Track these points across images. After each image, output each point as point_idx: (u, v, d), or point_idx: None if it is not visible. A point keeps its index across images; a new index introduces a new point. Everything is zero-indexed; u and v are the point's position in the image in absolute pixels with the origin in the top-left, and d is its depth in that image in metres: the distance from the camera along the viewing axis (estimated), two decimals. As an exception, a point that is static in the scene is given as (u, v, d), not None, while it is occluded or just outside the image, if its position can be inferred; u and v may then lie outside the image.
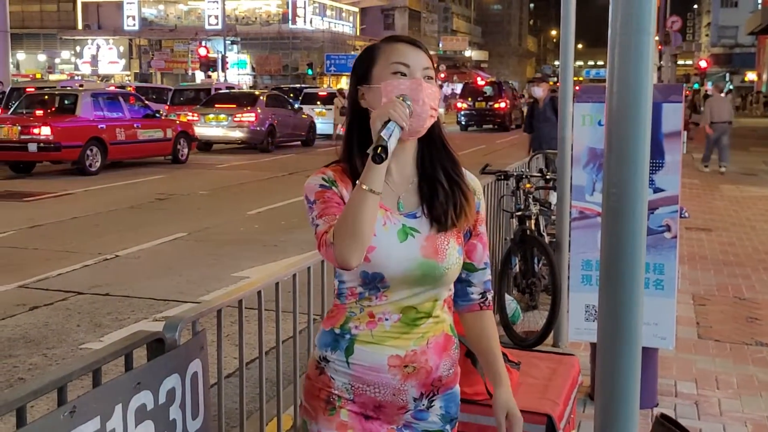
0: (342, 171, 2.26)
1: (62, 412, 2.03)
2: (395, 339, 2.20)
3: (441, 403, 2.30)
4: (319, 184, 2.23)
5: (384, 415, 2.26)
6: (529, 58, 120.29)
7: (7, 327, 6.98)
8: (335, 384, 2.25)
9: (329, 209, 2.17)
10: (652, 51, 2.27)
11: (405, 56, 2.22)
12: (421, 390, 2.24)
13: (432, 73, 2.24)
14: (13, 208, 13.87)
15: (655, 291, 4.88)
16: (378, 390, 2.22)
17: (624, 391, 2.45)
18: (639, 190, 2.34)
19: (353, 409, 2.25)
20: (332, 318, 2.28)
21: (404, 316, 2.21)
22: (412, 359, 2.21)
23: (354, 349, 2.21)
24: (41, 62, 62.70)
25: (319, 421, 2.26)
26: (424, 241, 2.20)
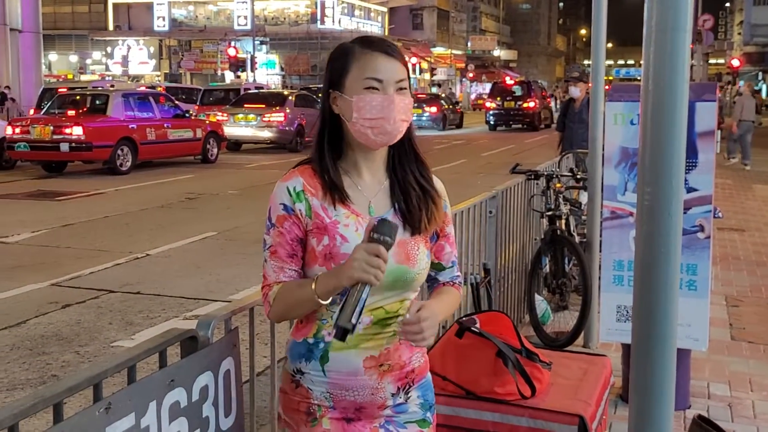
0: (313, 171, 2.27)
1: (98, 408, 2.05)
2: (368, 341, 2.23)
3: (418, 392, 2.35)
4: (282, 203, 2.24)
5: (365, 415, 2.29)
6: (558, 57, 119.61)
7: (41, 324, 7.05)
8: (313, 394, 2.27)
9: (282, 248, 2.24)
10: (688, 49, 2.25)
11: (378, 71, 2.19)
12: (397, 384, 2.29)
13: (406, 83, 2.24)
14: (46, 207, 14.00)
15: (688, 292, 4.84)
16: (357, 392, 2.25)
17: (659, 393, 2.43)
18: (674, 189, 2.32)
19: (334, 416, 2.28)
20: (303, 328, 2.30)
21: (375, 318, 2.24)
22: (387, 357, 2.25)
23: (329, 357, 2.24)
24: (73, 63, 63.22)
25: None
26: (396, 247, 2.17)
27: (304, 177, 2.26)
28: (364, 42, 2.26)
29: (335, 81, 2.25)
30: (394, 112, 2.17)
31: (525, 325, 6.45)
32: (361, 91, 2.19)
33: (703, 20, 44.09)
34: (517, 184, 6.39)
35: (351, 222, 2.21)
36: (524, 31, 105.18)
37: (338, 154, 2.29)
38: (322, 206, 2.23)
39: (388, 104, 2.17)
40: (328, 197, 2.23)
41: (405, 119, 2.22)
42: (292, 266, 2.24)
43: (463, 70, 77.58)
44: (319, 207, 2.23)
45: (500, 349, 3.47)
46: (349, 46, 2.26)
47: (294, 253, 2.24)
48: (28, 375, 5.83)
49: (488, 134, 37.04)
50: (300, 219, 2.23)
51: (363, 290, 2.01)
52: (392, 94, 2.19)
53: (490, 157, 24.34)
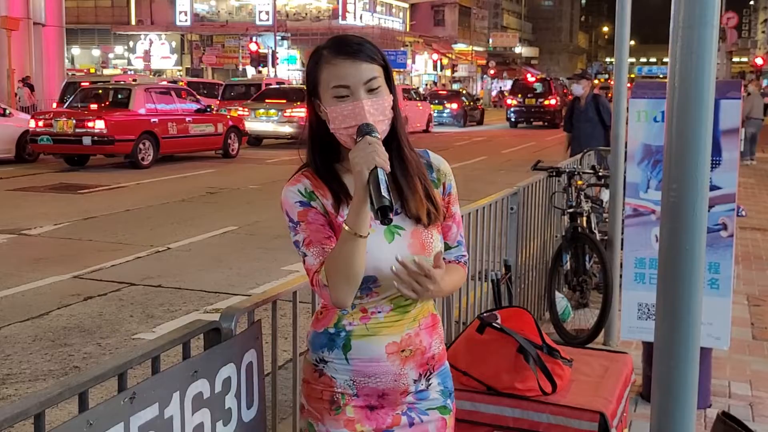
0: (314, 176, 2.29)
1: (122, 398, 2.07)
2: (390, 327, 2.26)
3: (438, 379, 2.37)
4: (298, 200, 2.25)
5: (387, 402, 2.30)
6: (579, 54, 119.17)
7: (63, 316, 7.10)
8: (337, 383, 2.29)
9: (316, 235, 2.21)
10: (715, 45, 2.24)
11: (343, 77, 2.18)
12: (419, 371, 2.31)
13: (378, 81, 2.20)
14: (68, 200, 14.10)
15: (710, 290, 4.82)
16: (379, 379, 2.27)
17: (681, 391, 2.42)
18: (700, 186, 2.31)
19: (358, 404, 2.30)
20: (323, 319, 2.32)
21: (395, 305, 2.26)
22: (408, 343, 2.27)
23: (351, 345, 2.26)
24: (95, 57, 63.52)
25: (326, 422, 2.31)
26: (410, 238, 2.23)
27: (310, 179, 2.28)
28: (331, 46, 2.23)
29: (313, 90, 2.26)
30: (366, 117, 2.15)
31: (545, 323, 6.44)
32: (332, 101, 2.19)
33: (727, 18, 43.81)
34: (538, 181, 6.38)
35: None
36: (546, 28, 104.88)
37: (336, 156, 2.30)
38: (332, 205, 2.25)
39: (358, 111, 2.16)
40: (335, 200, 2.25)
41: (382, 119, 2.19)
42: (332, 245, 2.19)
43: (484, 67, 77.43)
44: (330, 206, 2.25)
45: (521, 345, 3.46)
46: (318, 53, 2.25)
47: (329, 235, 2.21)
48: (51, 366, 5.88)
49: (509, 131, 36.96)
50: (320, 211, 2.24)
51: (376, 174, 2.01)
52: (360, 99, 2.16)
53: (511, 154, 24.29)
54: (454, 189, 2.41)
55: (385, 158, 2.05)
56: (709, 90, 2.28)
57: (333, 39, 2.26)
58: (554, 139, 29.87)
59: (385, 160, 2.04)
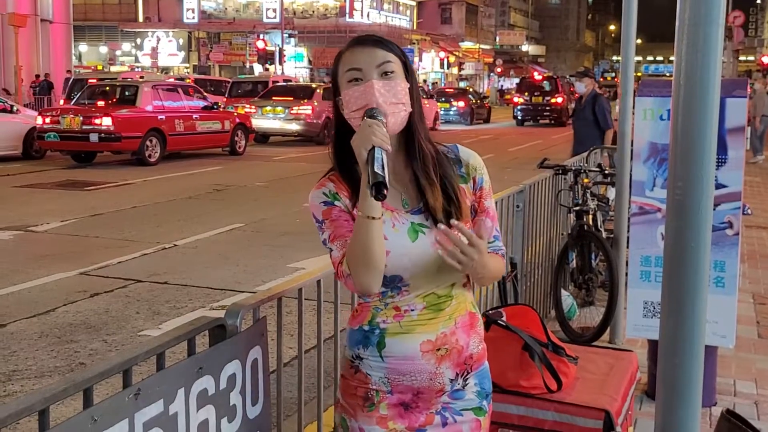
0: (339, 179, 2.29)
1: (127, 394, 2.07)
2: (424, 325, 2.24)
3: (475, 380, 2.35)
4: (322, 201, 2.26)
5: (422, 401, 2.29)
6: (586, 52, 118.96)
7: (69, 313, 7.12)
8: (372, 379, 2.29)
9: (340, 230, 2.22)
10: (721, 43, 2.24)
11: (355, 60, 2.20)
12: (456, 370, 2.28)
13: (392, 66, 2.21)
14: (75, 197, 14.13)
15: (715, 288, 4.81)
16: (414, 377, 2.25)
17: (686, 389, 2.42)
18: (705, 184, 2.31)
19: (392, 401, 2.29)
20: (358, 316, 2.32)
21: (428, 303, 2.25)
22: (444, 341, 2.25)
23: (386, 342, 2.25)
24: (103, 54, 63.58)
25: (359, 418, 2.31)
26: (438, 235, 2.20)
27: (334, 182, 2.28)
28: (350, 42, 2.27)
29: (336, 89, 2.28)
30: (375, 96, 2.15)
31: (551, 321, 6.44)
32: (347, 86, 2.21)
33: (733, 17, 43.69)
34: (544, 178, 6.37)
35: (387, 218, 2.20)
36: (553, 26, 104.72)
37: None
38: (351, 205, 2.25)
39: (368, 90, 2.16)
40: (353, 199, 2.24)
41: (395, 102, 2.18)
42: None
43: (491, 65, 77.33)
44: (353, 207, 2.24)
45: (526, 343, 3.46)
46: (339, 52, 2.28)
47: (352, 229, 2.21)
48: (56, 362, 5.89)
49: (516, 129, 36.92)
50: (344, 209, 2.24)
51: (373, 153, 2.02)
52: (371, 80, 2.17)
53: (518, 152, 24.27)
54: (486, 183, 2.37)
55: (384, 138, 2.05)
56: (715, 88, 2.28)
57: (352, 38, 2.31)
58: (561, 137, 29.83)
59: (383, 139, 2.04)
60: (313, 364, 3.45)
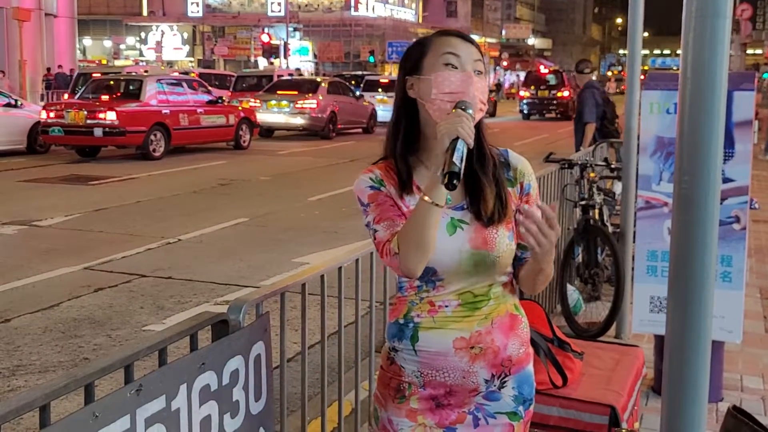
0: (387, 167, 2.29)
1: (129, 390, 2.06)
2: (458, 322, 2.23)
3: (513, 383, 2.31)
4: (369, 185, 2.26)
5: (455, 399, 2.28)
6: (593, 46, 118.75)
7: (73, 308, 7.12)
8: (405, 372, 2.29)
9: (386, 213, 2.22)
10: (728, 36, 2.21)
11: (456, 47, 2.23)
12: (492, 371, 2.25)
13: (482, 66, 2.25)
14: (79, 192, 14.13)
15: (722, 283, 4.78)
16: (447, 374, 2.24)
17: (692, 385, 2.40)
18: (712, 179, 2.29)
19: (423, 396, 2.28)
20: (395, 310, 2.33)
21: (463, 301, 2.23)
22: (478, 340, 2.23)
23: (419, 336, 2.25)
24: (107, 48, 63.64)
25: (389, 409, 2.31)
26: (473, 233, 2.22)
27: (381, 170, 2.29)
28: (440, 31, 2.31)
29: (412, 67, 2.27)
30: (472, 88, 2.18)
31: (557, 316, 6.42)
32: (441, 68, 2.21)
33: (741, 10, 43.55)
34: (550, 173, 6.35)
35: None
36: (559, 19, 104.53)
37: (415, 148, 2.30)
38: (400, 196, 2.25)
39: (467, 79, 2.19)
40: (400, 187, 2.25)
41: (483, 100, 2.21)
42: (403, 222, 2.19)
43: (497, 59, 77.25)
44: (398, 197, 2.25)
45: (532, 338, 3.44)
46: (425, 37, 2.31)
47: (401, 213, 2.21)
48: (60, 357, 5.89)
49: (521, 123, 36.88)
50: (390, 195, 2.25)
51: (455, 144, 2.03)
52: (470, 71, 2.20)
53: (524, 146, 24.23)
54: (533, 189, 2.38)
55: (471, 133, 2.07)
56: (722, 81, 2.26)
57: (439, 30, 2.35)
58: (567, 131, 29.79)
59: (469, 134, 2.06)
60: (316, 359, 3.43)
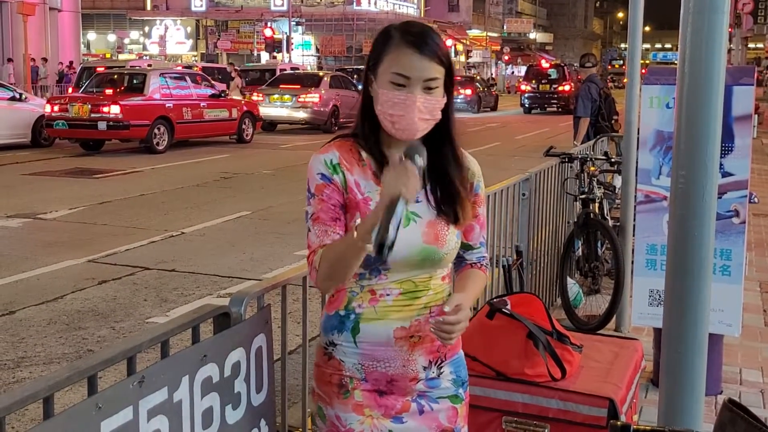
0: (350, 146, 2.29)
1: (131, 382, 2.08)
2: (398, 312, 2.25)
3: (450, 368, 2.37)
4: (320, 172, 2.25)
5: (397, 388, 2.30)
6: (594, 40, 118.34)
7: (77, 300, 7.15)
8: (345, 366, 2.30)
9: (325, 214, 2.22)
10: (726, 31, 2.23)
11: (405, 68, 2.17)
12: (429, 358, 2.30)
13: (437, 82, 2.20)
14: (83, 185, 14.15)
15: (721, 277, 4.80)
16: (388, 364, 2.27)
17: (690, 377, 2.42)
18: (709, 173, 2.31)
19: (366, 388, 2.30)
20: (335, 301, 2.32)
21: (404, 290, 2.26)
22: (417, 329, 2.27)
23: (360, 328, 2.27)
24: (111, 42, 63.55)
25: (335, 406, 2.32)
26: (425, 227, 2.24)
27: (340, 151, 2.28)
28: (405, 32, 2.21)
29: (372, 65, 2.26)
30: (414, 113, 2.16)
31: (556, 309, 6.44)
32: (387, 85, 2.19)
33: (742, 4, 43.42)
34: (551, 166, 6.36)
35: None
36: (561, 14, 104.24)
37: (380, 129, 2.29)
38: (355, 182, 2.25)
39: (409, 104, 2.16)
40: (368, 169, 2.26)
41: (428, 118, 2.20)
42: (336, 229, 2.22)
43: (498, 53, 77.08)
44: (353, 182, 2.25)
45: (531, 331, 3.47)
46: (391, 33, 2.23)
47: (337, 217, 2.23)
48: (65, 349, 5.92)
49: (523, 117, 36.85)
50: (338, 188, 2.24)
51: (399, 204, 1.99)
52: (415, 95, 2.16)
53: (525, 140, 24.22)
54: (482, 191, 2.40)
55: (414, 192, 2.04)
56: (720, 76, 2.27)
57: (409, 25, 2.25)
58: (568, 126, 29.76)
59: (413, 193, 2.03)
60: (318, 351, 3.45)
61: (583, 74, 11.39)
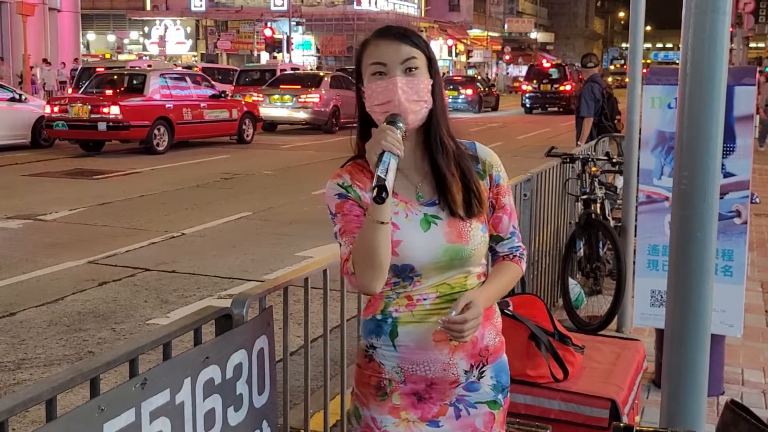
0: (360, 167, 2.29)
1: (134, 384, 2.08)
2: (437, 315, 2.22)
3: (492, 373, 2.34)
4: (336, 193, 2.27)
5: (436, 392, 2.29)
6: (595, 40, 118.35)
7: (78, 301, 7.15)
8: (385, 369, 2.29)
9: (349, 225, 2.22)
10: (727, 31, 2.23)
11: (380, 55, 2.19)
12: (471, 362, 2.28)
13: (417, 62, 2.19)
14: (83, 186, 14.16)
15: (723, 277, 4.80)
16: (428, 367, 2.25)
17: (692, 378, 2.42)
18: (711, 174, 2.31)
19: (405, 391, 2.29)
20: (371, 306, 2.32)
21: (441, 293, 2.24)
22: None
23: (398, 331, 2.25)
24: (111, 42, 63.56)
25: (371, 407, 2.32)
26: (447, 227, 2.23)
27: (351, 173, 2.29)
28: (376, 32, 2.26)
29: (359, 77, 2.28)
30: (398, 94, 2.15)
31: (558, 309, 6.44)
32: (370, 78, 2.21)
33: (743, 3, 43.38)
34: (552, 167, 6.36)
35: (400, 209, 2.22)
36: (561, 13, 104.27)
37: None
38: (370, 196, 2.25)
39: (391, 87, 2.16)
40: None
41: (417, 99, 2.18)
42: None
43: (499, 53, 77.09)
44: (368, 198, 2.23)
45: (533, 332, 3.47)
46: (365, 40, 2.27)
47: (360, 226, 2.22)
48: (65, 351, 5.92)
49: (524, 117, 36.83)
50: (357, 203, 2.25)
51: (383, 156, 2.02)
52: (394, 76, 2.17)
53: (526, 140, 24.22)
54: (503, 180, 2.37)
55: (395, 143, 2.04)
56: (722, 77, 2.27)
57: (380, 28, 2.28)
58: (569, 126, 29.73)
59: (394, 144, 2.03)
60: (319, 353, 3.45)
61: (585, 74, 11.39)
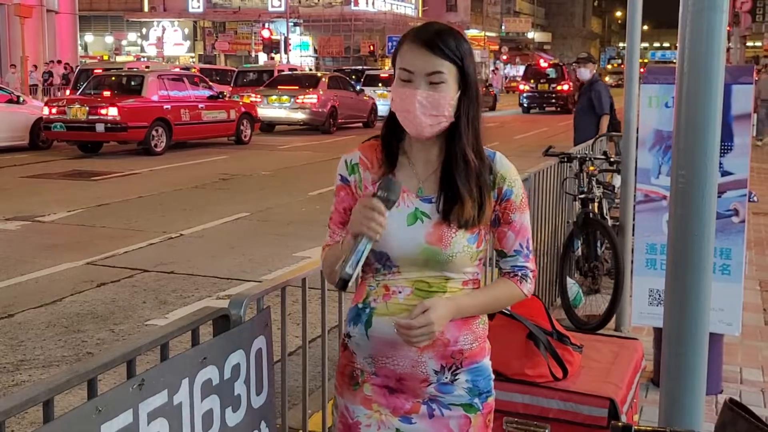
0: (376, 146, 2.34)
1: (131, 385, 2.08)
2: (408, 311, 2.21)
3: (467, 376, 2.31)
4: (340, 173, 2.35)
5: (407, 388, 2.30)
6: (593, 39, 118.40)
7: (76, 303, 7.14)
8: (357, 359, 2.33)
9: (335, 215, 2.35)
10: (725, 29, 2.23)
11: (410, 62, 2.19)
12: (441, 362, 2.27)
13: (442, 77, 2.17)
14: (81, 187, 14.15)
15: (721, 276, 4.80)
16: (397, 362, 2.27)
17: (690, 377, 2.42)
18: (709, 173, 2.30)
19: (376, 383, 2.31)
20: (357, 294, 2.36)
21: (416, 290, 2.24)
22: None
23: (372, 322, 2.28)
24: (108, 44, 63.59)
25: (345, 396, 2.36)
26: (431, 228, 2.23)
27: (362, 151, 2.34)
28: (417, 30, 2.23)
29: (394, 66, 2.29)
30: (414, 107, 2.16)
31: (556, 309, 6.44)
32: (398, 82, 2.22)
33: (740, 2, 43.41)
34: (549, 166, 6.35)
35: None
36: (559, 13, 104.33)
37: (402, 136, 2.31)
38: (372, 180, 2.28)
39: (408, 98, 2.17)
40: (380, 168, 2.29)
41: (435, 114, 2.17)
42: (340, 233, 2.34)
43: (496, 53, 77.12)
44: (369, 181, 2.29)
45: (531, 331, 3.46)
46: (406, 33, 2.26)
47: (344, 222, 2.32)
48: (64, 352, 5.92)
49: (521, 117, 36.85)
50: (353, 191, 2.31)
51: (360, 242, 2.09)
52: (415, 89, 2.16)
53: (523, 139, 24.23)
54: (515, 196, 2.31)
55: (377, 229, 2.09)
56: (719, 76, 2.27)
57: (423, 25, 2.27)
58: (567, 125, 29.72)
59: (375, 230, 2.09)
60: (317, 353, 3.45)
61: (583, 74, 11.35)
